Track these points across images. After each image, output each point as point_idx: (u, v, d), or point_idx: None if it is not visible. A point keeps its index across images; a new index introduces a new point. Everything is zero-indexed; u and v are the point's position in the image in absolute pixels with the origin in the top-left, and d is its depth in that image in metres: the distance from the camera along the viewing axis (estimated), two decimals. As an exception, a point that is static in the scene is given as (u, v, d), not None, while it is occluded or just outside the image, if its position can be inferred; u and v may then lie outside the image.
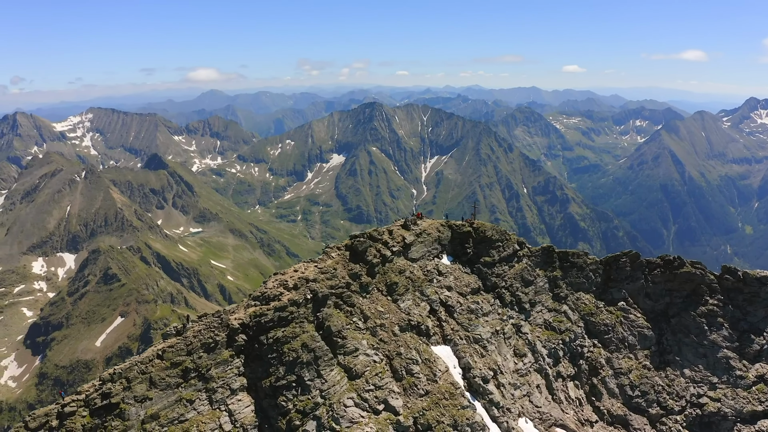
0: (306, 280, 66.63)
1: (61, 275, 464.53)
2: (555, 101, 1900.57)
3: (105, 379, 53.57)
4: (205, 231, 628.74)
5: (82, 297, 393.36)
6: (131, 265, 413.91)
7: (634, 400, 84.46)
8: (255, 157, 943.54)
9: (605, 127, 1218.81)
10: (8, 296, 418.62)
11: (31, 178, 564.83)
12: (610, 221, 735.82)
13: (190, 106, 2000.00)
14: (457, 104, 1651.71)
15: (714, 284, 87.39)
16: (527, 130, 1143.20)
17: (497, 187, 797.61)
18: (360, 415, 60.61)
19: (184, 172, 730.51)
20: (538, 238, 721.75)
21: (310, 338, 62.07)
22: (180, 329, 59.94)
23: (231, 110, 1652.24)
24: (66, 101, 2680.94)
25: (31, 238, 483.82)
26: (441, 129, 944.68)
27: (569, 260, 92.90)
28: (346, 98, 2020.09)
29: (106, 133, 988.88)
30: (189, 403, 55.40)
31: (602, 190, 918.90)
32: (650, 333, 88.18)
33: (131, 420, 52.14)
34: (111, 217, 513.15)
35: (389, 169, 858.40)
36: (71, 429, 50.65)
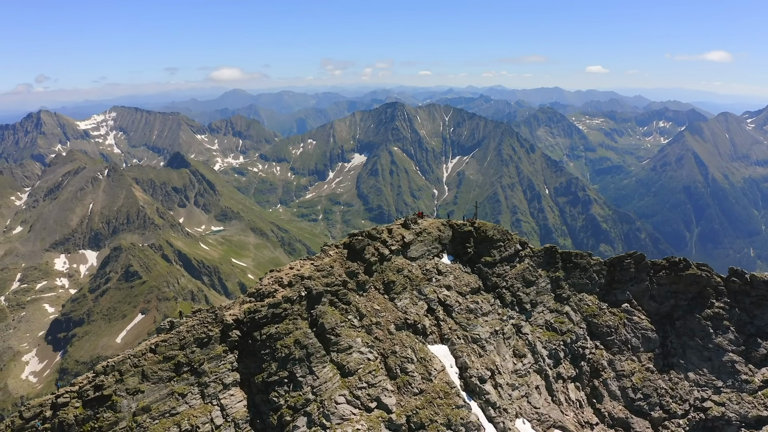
0: (301, 278, 67.09)
1: (83, 272, 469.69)
2: (578, 102, 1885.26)
3: (98, 371, 54.59)
4: (227, 229, 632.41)
5: (104, 294, 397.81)
6: (152, 263, 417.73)
7: (636, 403, 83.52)
8: (277, 157, 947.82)
9: (628, 128, 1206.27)
10: (31, 292, 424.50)
11: (54, 176, 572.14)
12: (633, 223, 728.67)
13: (213, 105, 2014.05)
14: (480, 104, 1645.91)
15: (720, 287, 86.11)
16: (550, 131, 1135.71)
17: (519, 188, 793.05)
18: (351, 412, 60.89)
19: (206, 171, 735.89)
20: (560, 239, 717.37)
21: (303, 335, 62.59)
22: (174, 324, 60.56)
23: (254, 110, 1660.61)
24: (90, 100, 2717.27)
25: (53, 235, 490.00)
26: (463, 129, 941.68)
27: (572, 261, 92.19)
28: (368, 98, 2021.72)
29: (129, 132, 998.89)
30: (181, 397, 56.16)
31: (625, 192, 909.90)
32: (654, 335, 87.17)
33: (123, 412, 52.99)
34: (133, 215, 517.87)
35: (410, 169, 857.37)
36: (63, 419, 51.60)
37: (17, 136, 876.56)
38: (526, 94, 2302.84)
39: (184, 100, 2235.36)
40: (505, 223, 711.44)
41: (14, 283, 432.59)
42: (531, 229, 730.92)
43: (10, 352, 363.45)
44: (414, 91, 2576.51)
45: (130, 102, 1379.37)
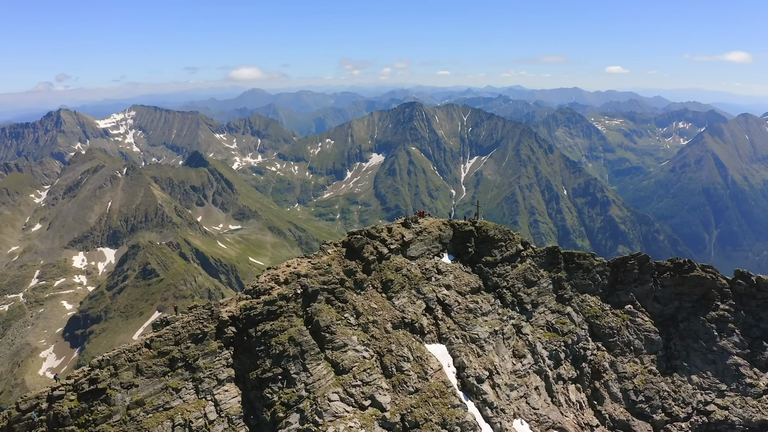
0: (297, 275, 67.48)
1: (101, 269, 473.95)
2: (597, 102, 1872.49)
3: (94, 365, 55.39)
4: (244, 228, 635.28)
5: (121, 291, 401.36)
6: (170, 261, 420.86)
7: (638, 405, 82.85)
8: (295, 156, 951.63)
9: (647, 128, 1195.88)
10: (49, 289, 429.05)
11: (73, 174, 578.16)
12: (651, 225, 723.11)
13: (232, 104, 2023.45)
14: (498, 104, 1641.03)
15: (726, 289, 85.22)
16: (568, 131, 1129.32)
17: (537, 189, 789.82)
18: (345, 409, 61.12)
19: (224, 170, 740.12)
20: (578, 240, 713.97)
21: (298, 332, 62.93)
22: (169, 320, 61.24)
23: (272, 109, 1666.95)
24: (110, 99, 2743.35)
25: (72, 233, 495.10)
26: (481, 129, 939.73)
27: (575, 261, 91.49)
28: (386, 98, 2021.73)
29: (148, 131, 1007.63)
30: (175, 392, 56.75)
31: (644, 193, 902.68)
32: (657, 337, 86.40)
33: (117, 405, 53.72)
34: (151, 213, 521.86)
35: (428, 169, 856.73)
36: (58, 412, 52.46)
37: (37, 134, 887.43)
38: (545, 94, 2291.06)
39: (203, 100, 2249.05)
40: (523, 223, 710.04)
41: (33, 279, 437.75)
42: (549, 230, 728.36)
43: (28, 348, 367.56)
44: (433, 91, 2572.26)
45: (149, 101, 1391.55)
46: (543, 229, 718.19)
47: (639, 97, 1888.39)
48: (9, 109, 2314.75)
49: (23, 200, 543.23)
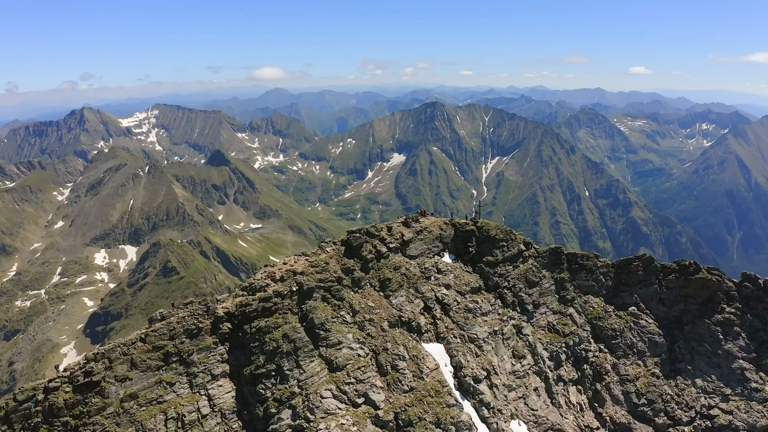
0: (293, 273, 67.98)
1: (122, 267, 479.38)
2: (620, 103, 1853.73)
3: (89, 358, 56.37)
4: (265, 227, 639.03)
5: (142, 288, 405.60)
6: (191, 259, 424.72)
7: (640, 408, 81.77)
8: (316, 155, 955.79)
9: (671, 130, 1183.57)
10: (70, 286, 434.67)
11: (96, 172, 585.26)
12: (673, 227, 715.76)
13: (254, 104, 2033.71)
14: (521, 105, 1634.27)
15: (732, 291, 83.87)
16: (591, 132, 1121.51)
17: (558, 190, 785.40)
18: (337, 406, 61.41)
19: (246, 169, 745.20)
20: (599, 242, 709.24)
21: (292, 329, 63.41)
22: (165, 315, 62.06)
23: (294, 108, 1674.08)
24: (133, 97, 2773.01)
25: (94, 230, 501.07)
26: (502, 130, 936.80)
27: (578, 262, 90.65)
28: (408, 98, 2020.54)
29: (171, 130, 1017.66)
30: (169, 386, 57.62)
31: (666, 195, 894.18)
32: (661, 340, 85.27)
33: (111, 398, 54.65)
34: (173, 212, 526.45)
35: (449, 169, 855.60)
36: (53, 403, 53.48)
37: (61, 132, 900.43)
38: (567, 94, 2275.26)
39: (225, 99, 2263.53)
40: (544, 224, 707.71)
41: (55, 276, 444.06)
42: (570, 232, 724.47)
43: (49, 344, 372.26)
44: (455, 91, 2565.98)
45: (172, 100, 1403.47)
46: (564, 231, 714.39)
47: (662, 98, 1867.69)
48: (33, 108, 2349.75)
49: (46, 198, 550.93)
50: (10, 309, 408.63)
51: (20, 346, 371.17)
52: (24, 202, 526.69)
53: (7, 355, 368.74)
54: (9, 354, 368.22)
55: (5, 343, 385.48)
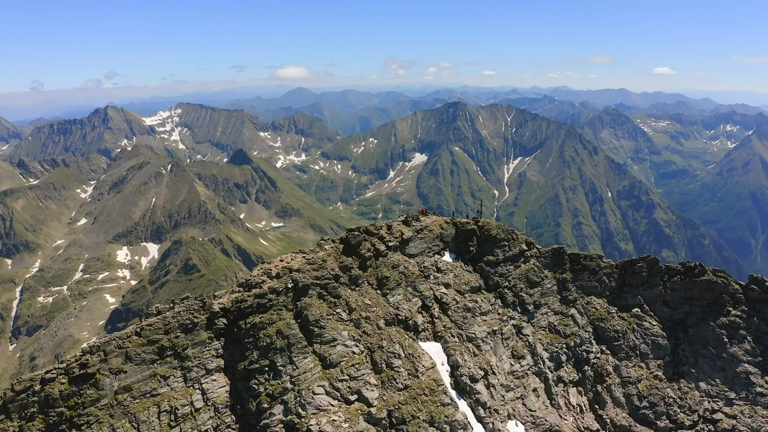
0: (289, 270, 68.63)
1: (144, 264, 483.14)
2: (644, 104, 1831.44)
3: (85, 350, 57.45)
4: (286, 226, 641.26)
5: (163, 286, 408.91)
6: (211, 257, 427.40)
7: (641, 411, 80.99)
8: (338, 155, 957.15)
9: (694, 131, 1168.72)
10: (92, 283, 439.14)
11: (119, 170, 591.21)
12: (696, 229, 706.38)
13: (277, 103, 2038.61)
14: (543, 105, 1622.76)
15: (738, 294, 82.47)
16: (614, 133, 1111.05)
17: (581, 191, 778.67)
18: (329, 403, 61.93)
19: (268, 168, 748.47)
20: (621, 243, 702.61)
21: (286, 325, 64.10)
22: (161, 310, 63.01)
23: (317, 108, 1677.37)
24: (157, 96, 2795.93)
25: (116, 228, 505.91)
26: (525, 130, 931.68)
27: (581, 263, 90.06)
28: (431, 98, 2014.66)
29: (194, 128, 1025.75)
30: (163, 379, 58.63)
31: (689, 197, 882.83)
32: (665, 342, 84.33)
33: (105, 390, 55.89)
34: (194, 210, 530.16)
35: (471, 169, 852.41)
36: (49, 394, 54.77)
37: (84, 130, 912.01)
38: (590, 95, 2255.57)
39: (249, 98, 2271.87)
40: (566, 225, 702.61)
41: (77, 273, 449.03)
42: (592, 233, 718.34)
43: (71, 340, 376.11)
44: (477, 91, 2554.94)
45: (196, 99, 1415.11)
46: (586, 232, 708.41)
47: (686, 99, 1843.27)
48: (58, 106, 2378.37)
49: (69, 195, 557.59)
50: (32, 305, 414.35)
51: (42, 341, 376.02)
52: (47, 199, 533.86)
53: (29, 350, 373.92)
54: (31, 349, 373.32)
55: (27, 338, 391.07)
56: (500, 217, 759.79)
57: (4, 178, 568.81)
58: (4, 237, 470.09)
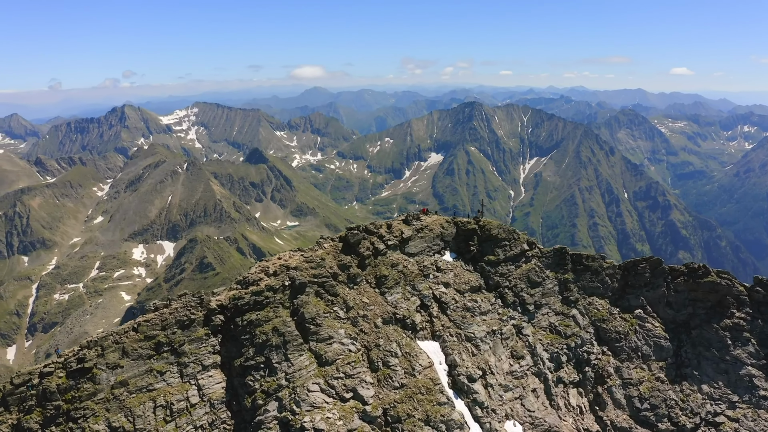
0: (287, 268, 69.07)
1: (159, 262, 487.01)
2: (661, 104, 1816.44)
3: (83, 345, 58.29)
4: (302, 225, 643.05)
5: (178, 284, 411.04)
6: (227, 255, 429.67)
7: (642, 413, 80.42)
8: (354, 154, 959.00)
9: (712, 132, 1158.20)
10: (108, 280, 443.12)
11: (135, 169, 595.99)
12: (713, 230, 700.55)
13: (293, 102, 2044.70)
14: (560, 105, 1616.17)
15: (743, 296, 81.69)
16: (630, 133, 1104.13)
17: (597, 191, 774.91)
18: (324, 400, 62.18)
19: (283, 167, 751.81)
20: (638, 244, 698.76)
21: (282, 323, 64.49)
22: (159, 306, 63.79)
23: (333, 107, 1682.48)
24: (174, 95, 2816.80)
25: (132, 226, 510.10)
26: (541, 130, 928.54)
27: (583, 263, 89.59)
28: (447, 97, 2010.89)
29: (210, 127, 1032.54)
30: (159, 374, 59.32)
31: (706, 198, 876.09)
32: (667, 344, 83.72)
33: (102, 384, 56.60)
34: (210, 208, 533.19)
35: (487, 169, 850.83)
36: (46, 387, 55.56)
37: (102, 129, 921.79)
38: (607, 95, 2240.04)
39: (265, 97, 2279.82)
40: (582, 226, 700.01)
41: (93, 270, 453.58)
42: (608, 234, 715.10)
43: (86, 337, 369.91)
44: (494, 91, 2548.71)
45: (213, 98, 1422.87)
46: (602, 233, 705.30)
47: (704, 100, 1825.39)
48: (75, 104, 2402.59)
49: (86, 193, 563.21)
50: (48, 302, 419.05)
51: (58, 338, 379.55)
52: (64, 197, 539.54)
53: (45, 347, 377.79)
54: (46, 346, 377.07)
55: (43, 335, 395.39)
56: (516, 218, 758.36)
57: (21, 176, 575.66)
58: (21, 234, 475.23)
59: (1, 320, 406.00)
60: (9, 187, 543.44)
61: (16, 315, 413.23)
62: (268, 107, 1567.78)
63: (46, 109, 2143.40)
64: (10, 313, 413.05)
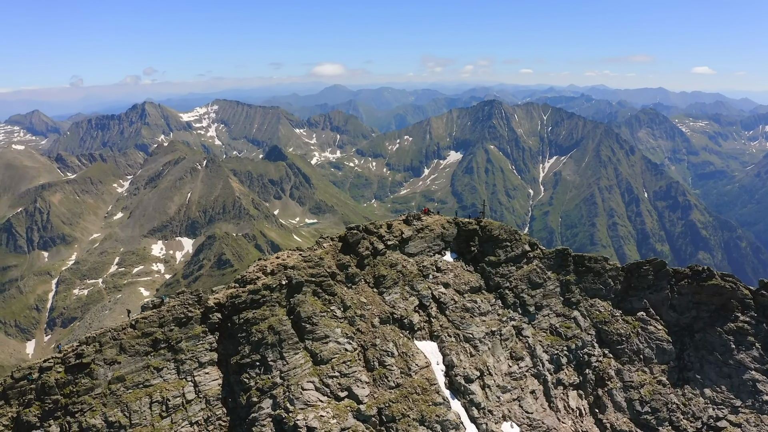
0: (284, 267, 69.80)
1: (178, 258, 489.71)
2: (682, 103, 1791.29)
3: (81, 341, 59.55)
4: (320, 222, 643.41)
5: (196, 280, 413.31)
6: (245, 252, 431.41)
7: (643, 416, 79.93)
8: (373, 152, 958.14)
9: (733, 131, 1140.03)
10: (127, 276, 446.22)
11: (155, 165, 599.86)
12: (734, 231, 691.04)
13: (313, 100, 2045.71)
14: (580, 104, 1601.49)
15: (748, 300, 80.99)
16: (651, 133, 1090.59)
17: (616, 191, 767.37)
18: (318, 399, 62.85)
19: (302, 165, 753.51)
20: (657, 245, 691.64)
21: (278, 321, 65.27)
22: (157, 304, 64.79)
23: (353, 105, 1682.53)
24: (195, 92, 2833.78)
25: (152, 222, 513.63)
26: (561, 129, 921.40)
27: (585, 265, 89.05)
28: (467, 95, 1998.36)
29: (230, 124, 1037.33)
30: (156, 371, 60.46)
31: (727, 198, 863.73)
32: (670, 347, 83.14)
33: (99, 379, 57.95)
34: (229, 205, 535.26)
35: (506, 167, 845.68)
36: (45, 382, 56.96)
37: (122, 125, 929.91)
38: (628, 94, 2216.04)
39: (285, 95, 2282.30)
40: (601, 226, 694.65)
41: (112, 266, 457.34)
42: (628, 233, 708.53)
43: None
44: (514, 89, 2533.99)
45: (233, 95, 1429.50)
46: (622, 233, 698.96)
47: (725, 99, 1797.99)
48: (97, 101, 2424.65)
49: (106, 189, 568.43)
50: (68, 297, 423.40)
51: (76, 333, 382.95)
52: (84, 193, 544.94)
53: (64, 341, 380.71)
54: (65, 341, 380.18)
55: (62, 330, 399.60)
56: (535, 217, 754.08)
57: (42, 172, 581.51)
58: (42, 230, 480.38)
59: (21, 315, 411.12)
60: (30, 183, 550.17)
61: (36, 310, 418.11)
62: (288, 105, 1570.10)
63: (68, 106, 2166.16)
64: (29, 307, 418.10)
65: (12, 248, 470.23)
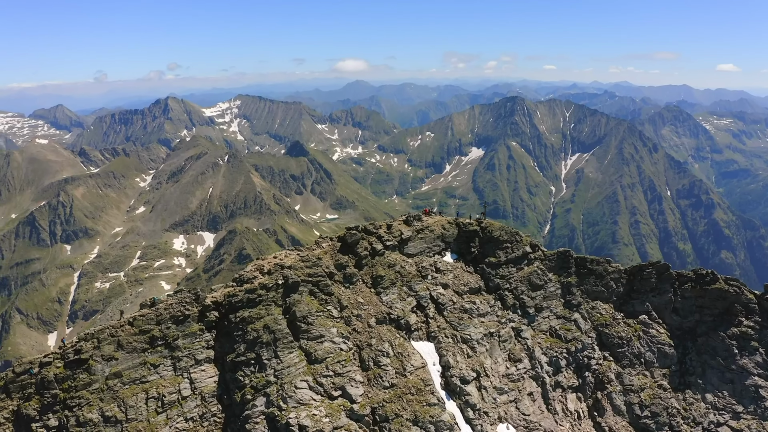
0: (281, 267, 70.70)
1: (199, 252, 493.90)
2: (706, 101, 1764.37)
3: (80, 337, 61.18)
4: (341, 218, 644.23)
5: (216, 274, 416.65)
6: (265, 247, 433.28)
7: (642, 420, 79.39)
8: (395, 148, 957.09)
9: (758, 129, 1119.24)
10: (149, 269, 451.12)
11: (177, 160, 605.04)
12: (757, 230, 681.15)
13: (335, 95, 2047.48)
14: (604, 101, 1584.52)
15: (752, 304, 79.93)
16: (675, 130, 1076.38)
17: (639, 189, 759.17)
18: (312, 397, 63.66)
19: (324, 160, 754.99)
20: (679, 243, 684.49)
21: (273, 320, 66.20)
22: (156, 301, 66.23)
23: (375, 101, 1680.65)
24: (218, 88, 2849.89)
25: (174, 216, 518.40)
26: (583, 126, 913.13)
27: (587, 267, 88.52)
28: (490, 92, 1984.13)
29: (252, 120, 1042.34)
30: (153, 367, 61.86)
31: (751, 197, 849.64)
32: (672, 351, 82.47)
33: (97, 375, 59.44)
34: (250, 200, 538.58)
35: (528, 164, 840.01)
36: (44, 376, 58.54)
37: (145, 120, 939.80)
38: (652, 91, 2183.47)
39: (308, 90, 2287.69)
40: (623, 224, 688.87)
41: (134, 260, 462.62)
42: (650, 232, 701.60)
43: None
44: (537, 85, 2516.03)
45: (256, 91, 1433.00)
46: (644, 231, 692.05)
47: (750, 97, 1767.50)
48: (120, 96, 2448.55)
49: (129, 184, 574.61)
50: (90, 290, 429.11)
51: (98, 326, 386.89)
52: (107, 187, 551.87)
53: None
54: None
55: (84, 322, 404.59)
56: (556, 214, 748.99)
57: (65, 166, 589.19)
58: (64, 223, 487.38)
59: (44, 307, 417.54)
60: (53, 177, 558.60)
61: (58, 302, 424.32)
62: (310, 100, 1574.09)
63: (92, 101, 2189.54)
64: (52, 300, 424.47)
65: (35, 241, 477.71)
